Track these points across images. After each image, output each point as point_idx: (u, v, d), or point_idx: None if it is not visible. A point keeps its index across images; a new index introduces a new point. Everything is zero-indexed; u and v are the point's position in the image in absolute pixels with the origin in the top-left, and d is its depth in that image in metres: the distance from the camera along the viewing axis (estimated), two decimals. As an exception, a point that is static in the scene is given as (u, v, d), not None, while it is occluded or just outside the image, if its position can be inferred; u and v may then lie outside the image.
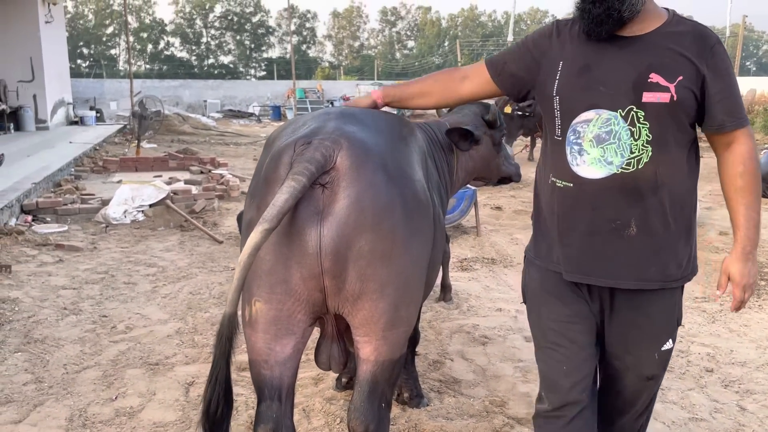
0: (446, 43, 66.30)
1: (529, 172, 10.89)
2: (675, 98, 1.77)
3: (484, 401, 3.07)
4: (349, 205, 1.78)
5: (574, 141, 1.88)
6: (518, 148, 13.41)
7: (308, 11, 67.09)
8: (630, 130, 1.81)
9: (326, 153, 1.79)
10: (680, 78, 1.77)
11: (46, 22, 14.40)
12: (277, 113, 25.13)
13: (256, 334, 1.92)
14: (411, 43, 72.11)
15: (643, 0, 1.81)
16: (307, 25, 66.80)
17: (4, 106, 12.99)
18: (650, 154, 1.80)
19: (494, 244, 6.11)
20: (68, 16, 51.00)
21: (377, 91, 2.22)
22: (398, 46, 72.13)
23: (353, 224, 1.78)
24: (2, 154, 7.86)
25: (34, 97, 14.12)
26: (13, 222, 6.08)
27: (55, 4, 14.76)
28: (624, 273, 1.89)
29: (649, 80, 1.78)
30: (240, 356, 3.48)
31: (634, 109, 1.79)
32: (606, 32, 1.80)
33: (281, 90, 28.45)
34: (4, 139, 12.03)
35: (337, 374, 3.05)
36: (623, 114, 1.81)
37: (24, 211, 6.49)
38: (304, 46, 65.21)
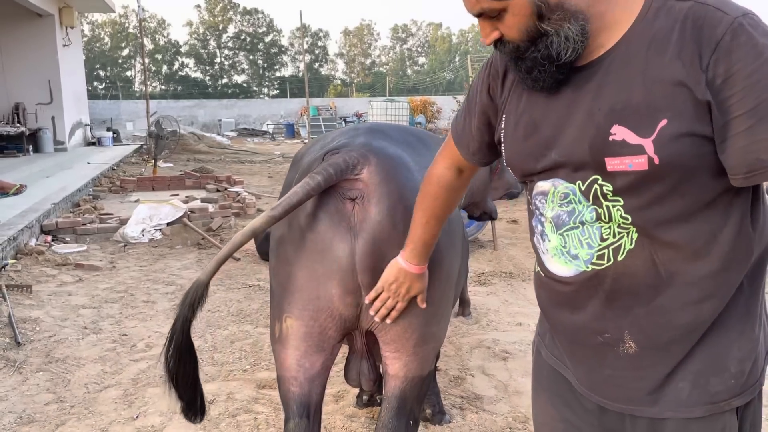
0: (457, 59, 66.65)
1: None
2: (657, 161, 1.07)
3: (506, 417, 3.04)
4: (382, 220, 1.76)
5: (539, 217, 1.30)
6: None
7: (320, 30, 67.93)
8: (595, 210, 1.17)
9: (349, 160, 1.78)
10: (662, 123, 1.06)
11: (64, 46, 14.66)
12: (291, 131, 25.34)
13: (286, 350, 1.91)
14: (422, 60, 72.59)
15: (583, 17, 1.12)
16: (319, 43, 67.57)
17: (23, 129, 13.21)
18: (634, 237, 1.16)
19: (511, 258, 6.08)
20: (85, 39, 52.02)
21: (401, 261, 1.70)
22: (409, 62, 72.66)
23: (386, 239, 1.76)
24: (25, 186, 8.08)
25: (53, 119, 14.34)
26: (33, 242, 6.14)
27: (72, 27, 15.03)
28: (634, 394, 1.24)
29: (611, 138, 1.10)
30: (259, 374, 3.49)
31: (599, 181, 1.15)
32: (547, 86, 1.18)
33: (294, 108, 28.70)
34: (24, 160, 12.22)
35: (367, 391, 3.02)
36: (583, 188, 1.17)
37: (44, 231, 6.57)
38: (316, 65, 65.88)
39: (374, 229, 1.77)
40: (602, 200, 1.16)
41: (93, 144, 16.69)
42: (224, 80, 65.35)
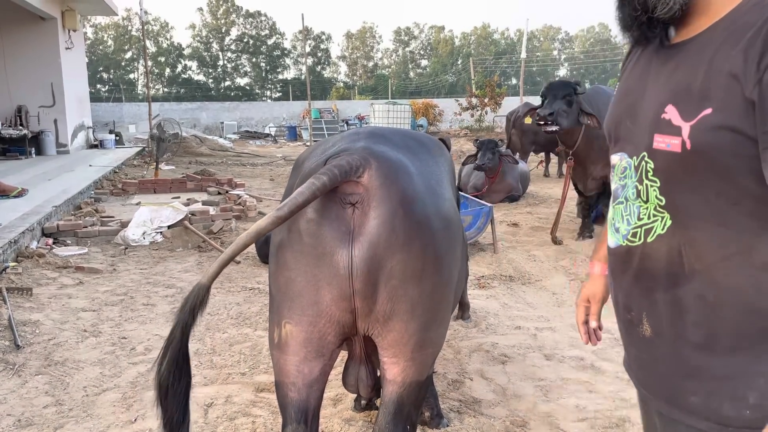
0: (459, 62, 66.67)
1: (545, 188, 10.87)
2: (689, 146, 1.09)
3: (504, 421, 3.03)
4: (380, 225, 1.76)
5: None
6: (533, 164, 13.37)
7: (323, 33, 68.04)
8: (636, 187, 1.24)
9: (352, 162, 1.78)
10: (706, 111, 1.08)
11: (67, 49, 14.71)
12: (293, 134, 25.37)
13: (286, 356, 1.91)
14: (424, 62, 72.60)
15: None
16: (322, 46, 67.65)
17: (25, 131, 13.25)
18: (667, 224, 1.18)
19: (512, 261, 6.07)
20: (88, 42, 52.15)
21: (596, 268, 1.66)
22: (412, 65, 72.65)
23: (385, 244, 1.76)
24: (26, 189, 8.15)
25: (55, 121, 14.40)
26: (34, 245, 6.15)
27: (75, 30, 15.08)
28: (654, 384, 1.28)
29: (662, 116, 1.15)
30: (258, 377, 3.49)
31: (645, 158, 1.21)
32: (636, 39, 1.26)
33: (297, 111, 28.75)
34: (26, 163, 12.24)
35: (365, 396, 3.02)
36: (635, 164, 1.24)
37: (45, 234, 6.57)
38: (318, 67, 65.97)
39: (372, 233, 1.76)
40: (644, 178, 1.21)
41: (95, 146, 16.74)
42: (227, 83, 65.44)
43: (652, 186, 1.19)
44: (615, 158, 1.32)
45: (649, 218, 1.21)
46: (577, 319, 1.67)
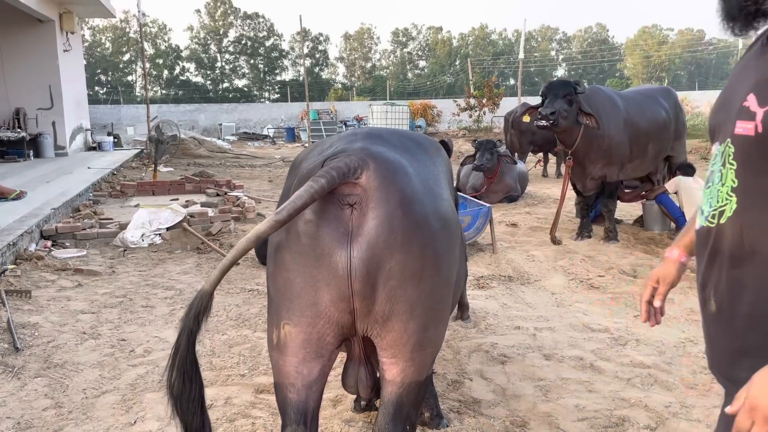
0: (457, 62, 66.70)
1: (543, 188, 10.88)
2: (760, 130, 1.21)
3: (504, 421, 3.03)
4: (379, 225, 1.76)
5: None
6: (531, 164, 13.38)
7: (320, 34, 68.10)
8: (720, 172, 1.33)
9: (350, 163, 1.79)
10: None
11: (65, 51, 14.70)
12: (292, 135, 25.38)
13: (285, 357, 1.91)
14: (422, 63, 72.62)
15: None
16: (320, 47, 67.66)
17: (23, 134, 13.24)
18: (734, 207, 1.28)
19: (511, 261, 6.07)
20: (86, 44, 52.14)
21: (674, 253, 1.71)
22: (410, 66, 72.67)
23: (383, 244, 1.76)
24: (25, 192, 8.14)
25: (53, 124, 14.39)
26: (33, 247, 6.15)
27: (73, 33, 15.07)
28: (717, 360, 1.38)
29: (744, 103, 1.26)
30: (257, 378, 3.49)
31: (729, 144, 1.30)
32: (737, 28, 1.32)
33: (295, 112, 28.76)
34: (24, 165, 12.24)
35: (365, 397, 3.02)
36: (722, 150, 1.33)
37: (43, 236, 6.57)
38: (317, 69, 65.95)
39: (370, 234, 1.77)
40: (726, 162, 1.31)
41: (94, 149, 16.72)
42: (225, 84, 65.43)
43: (731, 169, 1.29)
44: (713, 148, 1.40)
45: (722, 201, 1.31)
46: (642, 296, 1.74)
